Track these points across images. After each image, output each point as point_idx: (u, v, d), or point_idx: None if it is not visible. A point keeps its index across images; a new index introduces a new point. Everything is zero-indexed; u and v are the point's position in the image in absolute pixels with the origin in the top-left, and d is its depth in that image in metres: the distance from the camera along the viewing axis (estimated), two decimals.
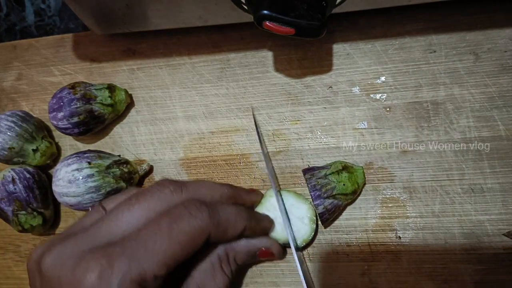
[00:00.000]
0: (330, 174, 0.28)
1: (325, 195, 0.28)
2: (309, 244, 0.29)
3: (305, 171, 0.29)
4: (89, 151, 0.32)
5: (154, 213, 0.23)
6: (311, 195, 0.28)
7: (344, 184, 0.28)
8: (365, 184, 0.30)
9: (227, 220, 0.25)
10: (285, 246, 0.29)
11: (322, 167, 0.29)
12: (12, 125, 0.32)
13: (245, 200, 0.29)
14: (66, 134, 0.33)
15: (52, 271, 0.21)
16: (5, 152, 0.32)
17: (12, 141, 0.32)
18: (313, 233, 0.29)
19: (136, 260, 0.21)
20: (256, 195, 0.30)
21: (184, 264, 0.24)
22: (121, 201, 0.24)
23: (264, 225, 0.28)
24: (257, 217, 0.28)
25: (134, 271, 0.21)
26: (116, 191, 0.31)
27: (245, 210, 0.27)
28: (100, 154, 0.32)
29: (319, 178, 0.28)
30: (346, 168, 0.29)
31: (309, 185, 0.28)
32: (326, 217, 0.28)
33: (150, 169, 0.33)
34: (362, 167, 0.30)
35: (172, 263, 0.22)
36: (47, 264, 0.22)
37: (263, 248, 0.28)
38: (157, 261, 0.22)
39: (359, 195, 0.30)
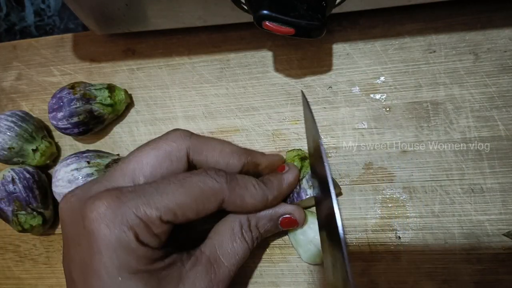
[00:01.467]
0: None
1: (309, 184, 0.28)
2: None
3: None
4: (88, 151, 0.32)
5: (165, 154, 0.24)
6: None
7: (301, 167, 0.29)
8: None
9: (245, 187, 0.24)
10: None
11: None
12: (12, 125, 0.32)
13: (262, 161, 0.27)
14: (66, 134, 0.33)
15: (66, 209, 0.23)
16: (5, 152, 0.32)
17: (12, 141, 0.32)
18: None
19: (146, 199, 0.21)
20: (274, 156, 0.29)
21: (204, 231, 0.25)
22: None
23: (287, 187, 0.27)
24: (279, 183, 0.27)
25: (142, 208, 0.21)
26: None
27: (263, 185, 0.26)
28: (99, 153, 0.32)
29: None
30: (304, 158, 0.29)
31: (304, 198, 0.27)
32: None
33: None
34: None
35: (179, 214, 0.22)
36: (64, 205, 0.23)
37: (285, 216, 0.27)
38: (166, 204, 0.22)
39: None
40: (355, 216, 0.30)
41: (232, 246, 0.25)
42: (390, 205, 0.29)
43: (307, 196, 0.27)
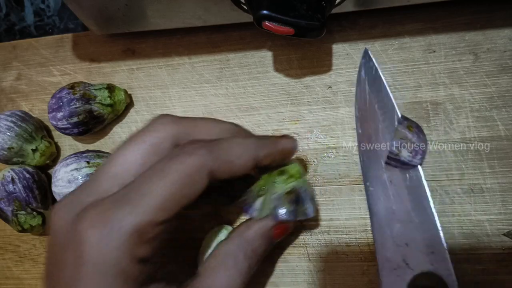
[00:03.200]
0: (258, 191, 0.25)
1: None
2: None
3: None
4: (88, 151, 0.32)
5: (150, 147, 0.22)
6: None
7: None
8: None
9: (230, 152, 0.22)
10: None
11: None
12: (12, 125, 0.32)
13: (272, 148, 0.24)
14: (66, 134, 0.33)
15: (57, 228, 0.21)
16: (5, 152, 0.32)
17: (11, 141, 0.32)
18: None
19: (131, 208, 0.20)
20: (288, 141, 0.25)
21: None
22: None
23: (282, 147, 0.25)
24: (272, 140, 0.24)
25: (127, 221, 0.19)
26: None
27: (254, 138, 0.24)
28: (98, 153, 0.32)
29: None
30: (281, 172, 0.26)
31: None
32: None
33: None
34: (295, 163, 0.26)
35: (171, 206, 0.20)
36: (56, 223, 0.22)
37: (275, 224, 0.24)
38: (153, 205, 0.20)
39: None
40: (355, 216, 0.30)
41: (227, 280, 0.23)
42: None
43: (253, 215, 0.25)
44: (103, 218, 0.20)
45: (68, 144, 0.36)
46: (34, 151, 0.33)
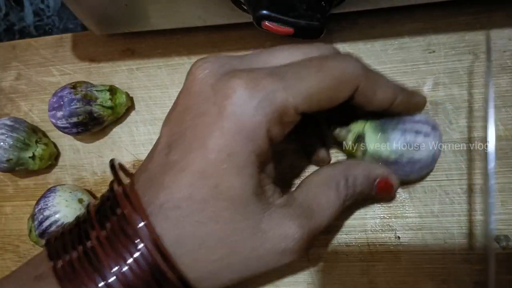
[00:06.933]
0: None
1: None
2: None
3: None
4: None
5: (301, 55, 0.22)
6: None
7: None
8: None
9: (379, 79, 0.23)
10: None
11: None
12: (3, 137, 0.32)
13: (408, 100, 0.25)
14: (64, 133, 0.33)
15: (199, 79, 0.21)
16: (5, 165, 0.32)
17: (7, 154, 0.31)
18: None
19: (286, 83, 0.20)
20: (422, 98, 0.26)
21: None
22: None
23: (417, 100, 0.25)
24: (410, 90, 0.25)
25: (281, 94, 0.20)
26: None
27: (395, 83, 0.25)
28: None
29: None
30: None
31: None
32: None
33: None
34: None
35: (314, 101, 0.21)
36: (198, 74, 0.21)
37: (382, 178, 0.24)
38: (305, 92, 0.20)
39: None
40: (355, 216, 0.30)
41: (327, 199, 0.23)
42: (389, 205, 0.29)
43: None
44: (257, 83, 0.20)
45: (68, 143, 0.36)
46: (32, 157, 0.33)
